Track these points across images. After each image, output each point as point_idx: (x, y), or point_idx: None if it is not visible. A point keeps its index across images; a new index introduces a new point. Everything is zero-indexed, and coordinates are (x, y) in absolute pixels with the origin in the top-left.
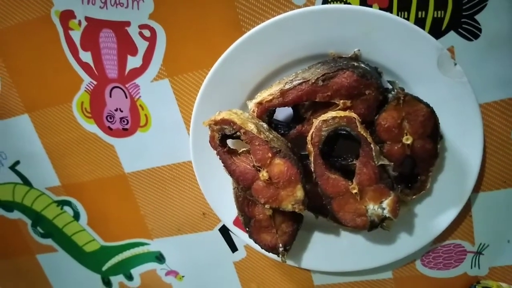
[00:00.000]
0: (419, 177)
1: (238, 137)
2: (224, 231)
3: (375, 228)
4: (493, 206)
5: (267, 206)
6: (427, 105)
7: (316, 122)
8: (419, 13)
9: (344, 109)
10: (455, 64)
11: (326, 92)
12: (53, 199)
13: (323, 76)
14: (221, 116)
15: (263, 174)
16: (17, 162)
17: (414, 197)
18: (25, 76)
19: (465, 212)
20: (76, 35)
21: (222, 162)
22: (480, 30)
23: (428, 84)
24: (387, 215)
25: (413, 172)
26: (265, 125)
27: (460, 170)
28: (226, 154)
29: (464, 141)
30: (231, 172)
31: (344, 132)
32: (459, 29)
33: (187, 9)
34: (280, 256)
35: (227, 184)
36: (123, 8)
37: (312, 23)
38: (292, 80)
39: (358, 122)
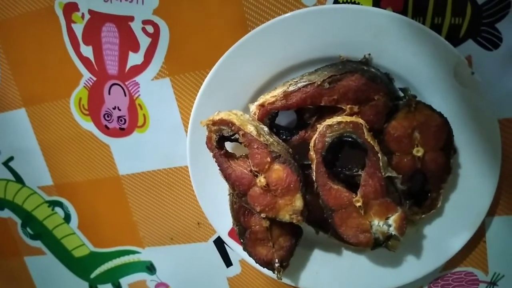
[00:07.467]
0: (429, 194)
1: (237, 140)
2: (219, 243)
3: (379, 246)
4: (509, 232)
5: (263, 215)
6: (441, 115)
7: (320, 127)
8: (436, 18)
9: (350, 115)
10: (473, 73)
11: (332, 95)
12: (44, 199)
13: (329, 78)
14: (219, 116)
15: (260, 180)
16: (11, 158)
17: (423, 216)
18: (25, 69)
19: (479, 237)
20: (78, 29)
21: (218, 165)
22: (500, 39)
23: (443, 94)
24: (393, 232)
25: (423, 188)
26: (265, 128)
27: (474, 190)
28: (222, 157)
29: (480, 158)
30: (226, 176)
31: (350, 139)
32: (478, 38)
33: (193, 6)
34: (276, 272)
35: (224, 192)
36: (128, 2)
37: (321, 23)
38: (297, 82)
39: (365, 129)
